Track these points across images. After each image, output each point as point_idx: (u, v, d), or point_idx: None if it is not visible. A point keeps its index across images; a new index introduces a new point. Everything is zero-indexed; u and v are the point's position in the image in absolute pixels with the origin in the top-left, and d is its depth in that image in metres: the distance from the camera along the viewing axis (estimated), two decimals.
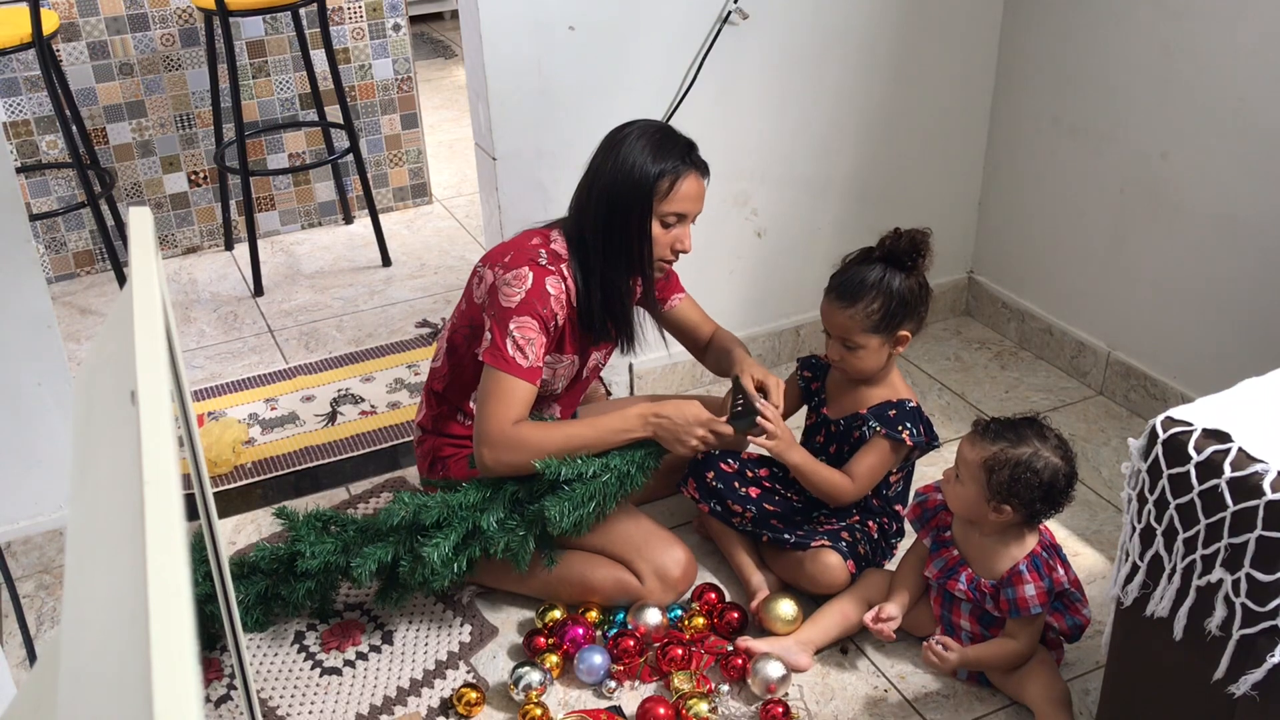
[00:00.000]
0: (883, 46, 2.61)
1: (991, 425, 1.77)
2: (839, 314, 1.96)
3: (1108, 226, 2.57)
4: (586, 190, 1.96)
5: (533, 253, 1.94)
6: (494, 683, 1.92)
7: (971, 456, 1.75)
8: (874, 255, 1.97)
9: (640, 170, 1.89)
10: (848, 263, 2.01)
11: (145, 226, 0.96)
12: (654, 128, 1.96)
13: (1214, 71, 2.24)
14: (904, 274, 1.94)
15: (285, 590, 1.99)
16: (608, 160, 1.92)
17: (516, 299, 1.90)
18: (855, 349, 1.97)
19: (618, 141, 1.93)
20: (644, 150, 1.90)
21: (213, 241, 3.63)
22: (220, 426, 2.52)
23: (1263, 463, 1.31)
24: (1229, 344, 2.35)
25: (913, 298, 1.96)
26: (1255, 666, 1.36)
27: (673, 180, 1.91)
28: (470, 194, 3.96)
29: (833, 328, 1.99)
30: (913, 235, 1.94)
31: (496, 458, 1.90)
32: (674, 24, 2.37)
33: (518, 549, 1.92)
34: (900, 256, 1.94)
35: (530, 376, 1.90)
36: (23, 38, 2.82)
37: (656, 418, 1.93)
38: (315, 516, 2.05)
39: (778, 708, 1.79)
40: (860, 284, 1.94)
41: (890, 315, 1.94)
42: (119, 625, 0.62)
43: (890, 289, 1.93)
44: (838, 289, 1.97)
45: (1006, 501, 1.72)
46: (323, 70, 3.48)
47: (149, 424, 0.68)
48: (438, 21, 6.18)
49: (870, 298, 1.93)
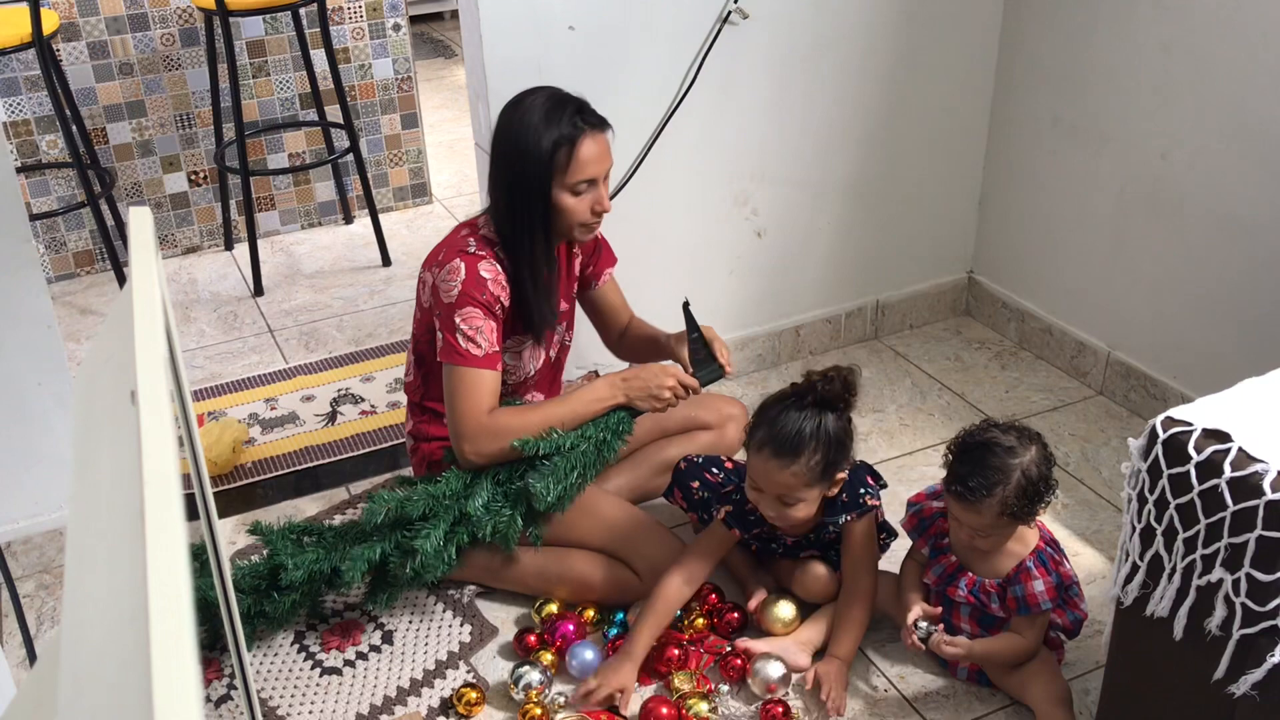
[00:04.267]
0: (883, 46, 2.61)
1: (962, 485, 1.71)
2: (780, 473, 1.78)
3: (1108, 226, 2.57)
4: (493, 175, 1.95)
5: (461, 244, 1.95)
6: (494, 682, 1.92)
7: (981, 520, 1.72)
8: (805, 400, 1.80)
9: (535, 147, 1.86)
10: (770, 406, 1.84)
11: (145, 226, 0.96)
12: (541, 97, 1.91)
13: (1214, 71, 2.24)
14: (835, 415, 1.81)
15: (269, 606, 1.96)
16: (504, 143, 1.90)
17: (455, 292, 1.91)
18: (794, 503, 1.82)
19: (509, 122, 1.90)
20: (534, 125, 1.86)
21: (213, 241, 3.63)
22: (220, 426, 2.52)
23: (1263, 463, 1.31)
24: (1229, 344, 2.35)
25: (847, 438, 1.83)
26: (1255, 666, 1.36)
27: (570, 149, 1.87)
28: (470, 194, 3.96)
29: (770, 485, 1.81)
30: (844, 377, 1.81)
31: (477, 450, 1.91)
32: (674, 24, 2.37)
33: (505, 529, 1.94)
34: (834, 400, 1.80)
35: (489, 364, 1.91)
36: (23, 37, 2.82)
37: (625, 381, 1.99)
38: (290, 529, 2.04)
39: (778, 708, 1.79)
40: (798, 437, 1.77)
41: (830, 464, 1.80)
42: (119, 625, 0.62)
43: (828, 436, 1.78)
44: (774, 445, 1.78)
45: (1040, 509, 1.74)
46: (323, 70, 3.48)
47: (149, 424, 0.68)
48: (438, 21, 6.18)
49: (810, 450, 1.77)
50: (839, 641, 1.90)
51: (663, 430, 2.26)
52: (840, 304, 2.88)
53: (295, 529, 2.04)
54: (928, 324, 3.02)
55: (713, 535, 1.95)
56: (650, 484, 2.23)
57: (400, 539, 1.94)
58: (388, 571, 1.97)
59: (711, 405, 2.30)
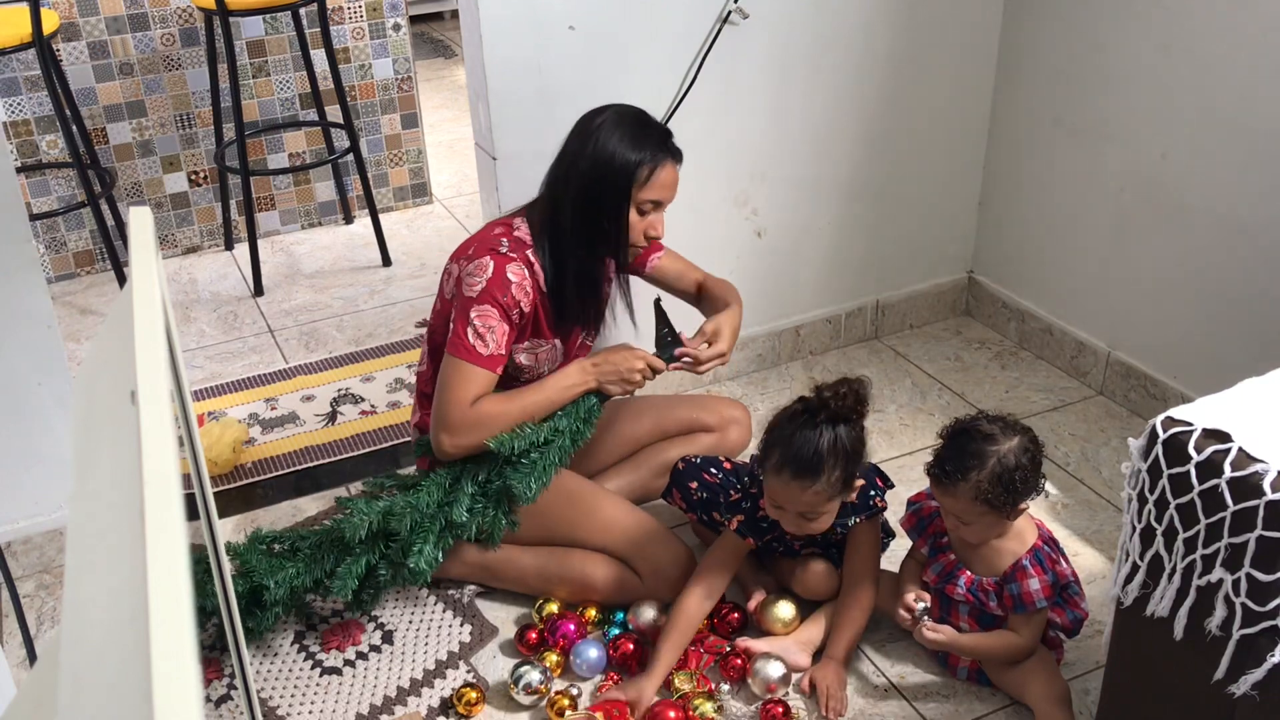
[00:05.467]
0: (883, 46, 2.61)
1: (939, 468, 1.73)
2: (803, 493, 1.77)
3: (1108, 226, 2.57)
4: (563, 176, 1.95)
5: (494, 242, 1.96)
6: (494, 682, 1.92)
7: (958, 504, 1.73)
8: (818, 417, 1.77)
9: (620, 158, 1.89)
10: (782, 425, 1.81)
11: (145, 226, 0.96)
12: (630, 114, 1.95)
13: (1214, 71, 2.24)
14: (849, 427, 1.79)
15: (253, 623, 1.96)
16: (585, 146, 1.92)
17: (478, 288, 1.91)
18: (817, 517, 1.82)
19: (595, 128, 1.92)
20: (623, 138, 1.90)
21: (213, 241, 3.63)
22: (220, 426, 2.52)
23: (1263, 463, 1.31)
24: (1229, 344, 2.35)
25: (862, 447, 1.81)
26: (1255, 666, 1.36)
27: (651, 169, 1.91)
28: (470, 194, 3.96)
29: (792, 504, 1.80)
30: (855, 388, 1.79)
31: (455, 442, 1.93)
32: (674, 24, 2.37)
33: (490, 527, 1.97)
34: (847, 414, 1.78)
35: (490, 364, 1.92)
36: (23, 38, 2.82)
37: (596, 366, 2.00)
38: (258, 538, 2.03)
39: (778, 708, 1.79)
40: (817, 457, 1.75)
41: (849, 477, 1.80)
42: (119, 625, 0.62)
43: (846, 451, 1.77)
44: (794, 467, 1.76)
45: (1020, 502, 1.73)
46: (323, 70, 3.48)
47: (149, 424, 0.68)
48: (438, 21, 6.18)
49: (829, 468, 1.76)
50: (836, 642, 1.91)
51: (664, 432, 2.26)
52: (840, 304, 2.88)
53: (264, 539, 2.04)
54: (928, 324, 3.02)
55: (726, 546, 1.95)
56: (651, 485, 2.23)
57: (386, 550, 1.95)
58: (374, 577, 1.98)
59: (713, 407, 2.30)
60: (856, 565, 1.94)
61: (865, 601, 1.92)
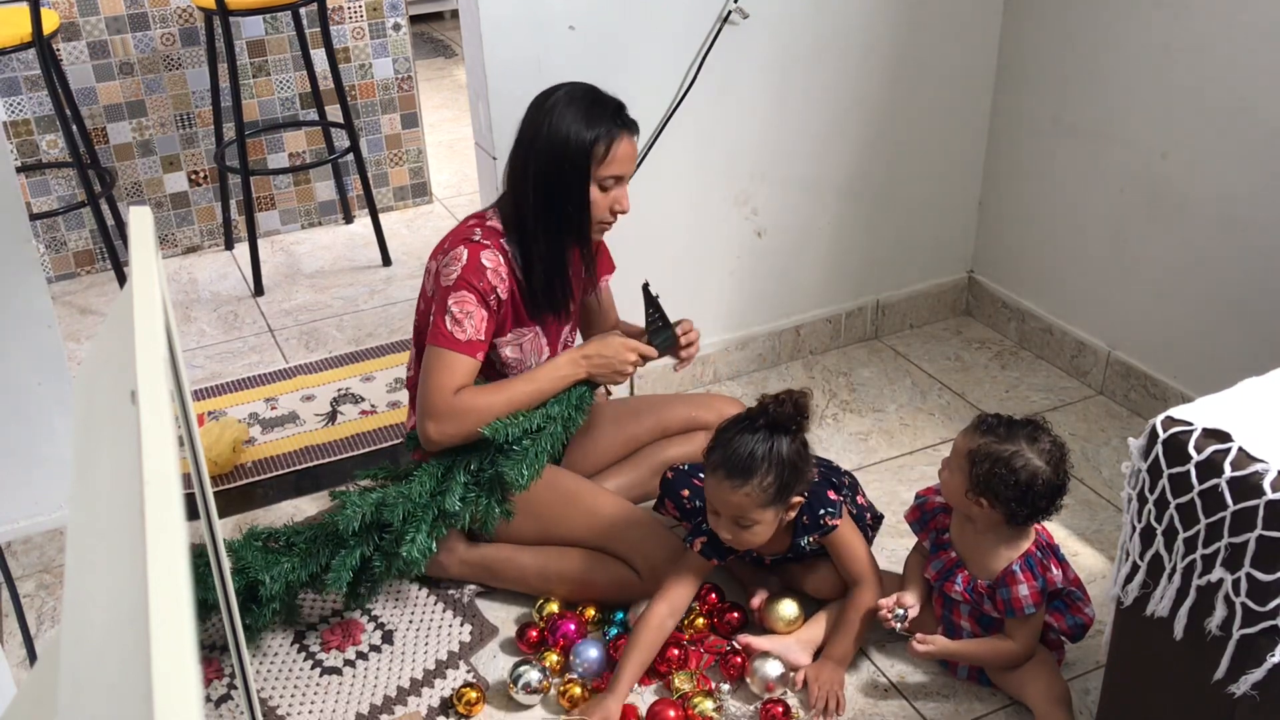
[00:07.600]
0: (883, 46, 2.61)
1: (989, 420, 1.77)
2: (732, 494, 1.78)
3: (1108, 226, 2.57)
4: (520, 162, 1.95)
5: (468, 232, 1.97)
6: (494, 682, 1.92)
7: (961, 445, 1.77)
8: (757, 423, 1.80)
9: (575, 137, 1.89)
10: (726, 429, 1.84)
11: (145, 226, 0.96)
12: (581, 91, 1.94)
13: (1214, 71, 2.24)
14: (789, 438, 1.80)
15: (250, 619, 1.96)
16: (540, 129, 1.91)
17: (454, 276, 1.93)
18: (750, 525, 1.81)
19: (547, 109, 1.92)
20: (576, 116, 1.90)
21: (213, 241, 3.63)
22: (220, 426, 2.52)
23: (1263, 462, 1.31)
24: (1229, 344, 2.35)
25: (802, 461, 1.82)
26: (1255, 666, 1.36)
27: (608, 144, 1.91)
28: (470, 194, 3.96)
29: (724, 507, 1.81)
30: (795, 400, 1.81)
31: (441, 430, 1.93)
32: (674, 24, 2.37)
33: (484, 516, 1.97)
34: (785, 422, 1.80)
35: (469, 350, 1.92)
36: (23, 37, 2.82)
37: (587, 357, 2.02)
38: (253, 535, 2.03)
39: (777, 707, 1.79)
40: (750, 459, 1.77)
41: (784, 487, 1.80)
42: (119, 625, 0.62)
43: (781, 458, 1.78)
44: (726, 467, 1.78)
45: (984, 495, 1.73)
46: (323, 70, 3.48)
47: (149, 424, 0.68)
48: (438, 21, 6.18)
49: (763, 472, 1.77)
50: (834, 643, 1.91)
51: (663, 430, 2.26)
52: (840, 304, 2.88)
53: (258, 535, 2.04)
54: (928, 324, 3.02)
55: (689, 565, 1.94)
56: (650, 484, 2.23)
57: (380, 541, 1.95)
58: (369, 570, 1.98)
59: (712, 406, 2.30)
60: (850, 569, 1.95)
61: (865, 603, 1.92)
